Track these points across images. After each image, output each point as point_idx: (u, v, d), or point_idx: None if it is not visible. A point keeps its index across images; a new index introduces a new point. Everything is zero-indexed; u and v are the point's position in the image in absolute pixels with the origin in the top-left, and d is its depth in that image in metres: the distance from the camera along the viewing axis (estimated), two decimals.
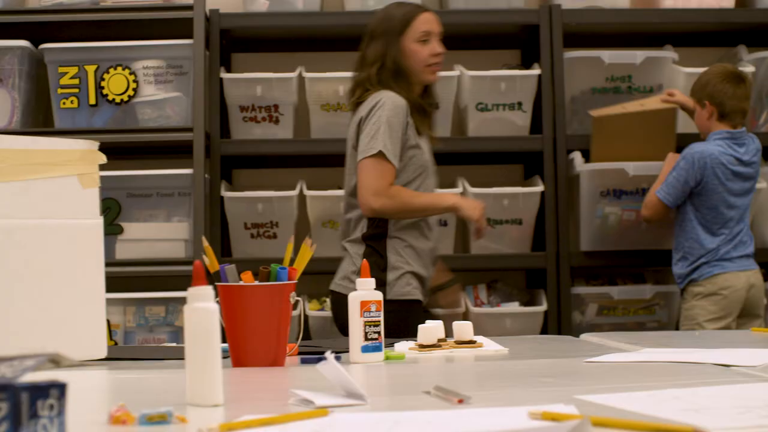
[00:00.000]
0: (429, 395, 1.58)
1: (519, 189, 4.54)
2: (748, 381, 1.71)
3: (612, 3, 4.65)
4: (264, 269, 2.09)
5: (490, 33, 4.80)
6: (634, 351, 2.24)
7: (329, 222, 4.48)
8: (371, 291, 2.16)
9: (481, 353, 2.33)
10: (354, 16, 4.59)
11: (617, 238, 4.49)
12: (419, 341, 2.36)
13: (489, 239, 4.52)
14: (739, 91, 4.15)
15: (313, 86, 4.50)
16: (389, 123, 3.50)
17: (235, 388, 1.81)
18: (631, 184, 4.43)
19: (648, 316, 4.55)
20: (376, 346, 2.15)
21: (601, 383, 1.78)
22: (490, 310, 4.46)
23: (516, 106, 4.54)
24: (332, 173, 4.77)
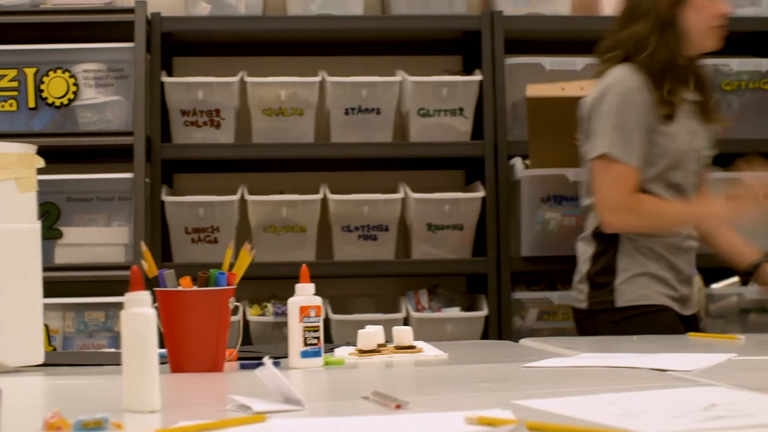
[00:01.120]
0: (367, 400, 1.58)
1: (460, 194, 4.55)
2: (683, 385, 1.73)
3: (553, 10, 4.68)
4: (203, 274, 2.09)
5: (431, 38, 4.81)
6: (571, 356, 2.26)
7: (270, 227, 4.47)
8: (310, 296, 2.16)
9: (420, 358, 2.33)
10: (297, 21, 4.58)
11: (557, 244, 4.51)
12: (358, 346, 2.36)
13: (429, 244, 4.53)
14: None
15: (255, 91, 4.49)
16: (619, 113, 3.09)
17: (173, 393, 1.80)
18: (571, 190, 4.45)
19: None
20: (316, 351, 2.15)
21: (538, 388, 1.79)
22: (431, 315, 4.47)
23: (457, 112, 4.56)
24: (274, 178, 4.77)
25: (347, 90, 4.49)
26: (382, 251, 4.54)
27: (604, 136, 3.05)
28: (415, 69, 4.62)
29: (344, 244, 4.52)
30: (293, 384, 1.56)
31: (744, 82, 4.66)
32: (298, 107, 4.49)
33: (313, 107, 4.50)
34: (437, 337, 4.20)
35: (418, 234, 4.53)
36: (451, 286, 4.71)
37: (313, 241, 4.50)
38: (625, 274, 3.06)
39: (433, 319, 4.46)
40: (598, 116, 3.07)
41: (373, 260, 4.52)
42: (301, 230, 4.48)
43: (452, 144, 4.55)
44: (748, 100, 4.66)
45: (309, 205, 4.46)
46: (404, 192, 4.52)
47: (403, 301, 4.51)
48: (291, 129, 4.51)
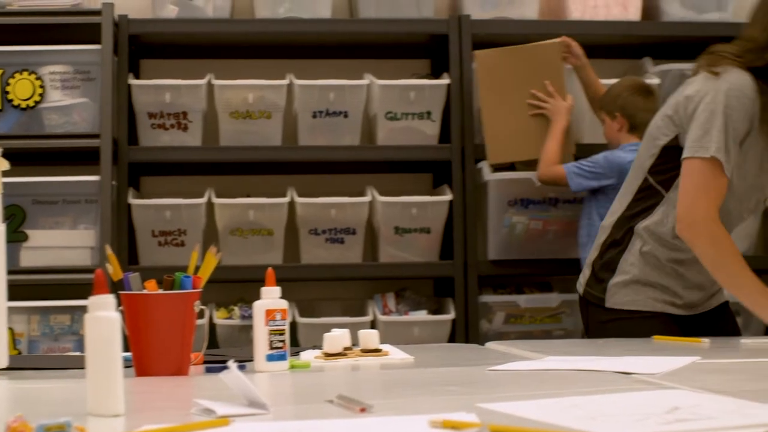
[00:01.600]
0: (332, 404, 1.58)
1: (427, 198, 4.56)
2: (647, 389, 1.74)
3: (521, 14, 4.70)
4: (168, 278, 2.08)
5: (399, 42, 4.82)
6: (537, 359, 2.26)
7: (237, 230, 4.46)
8: (276, 299, 2.15)
9: (386, 362, 2.33)
10: (264, 24, 4.58)
11: (524, 247, 4.53)
12: (324, 350, 2.36)
13: (397, 247, 4.54)
14: (649, 104, 4.20)
15: (222, 93, 4.48)
16: (728, 115, 2.80)
17: (138, 397, 1.79)
18: (538, 194, 4.48)
19: (554, 324, 4.59)
20: (281, 354, 2.14)
21: (503, 391, 1.79)
22: (398, 319, 4.48)
23: (425, 116, 4.57)
24: (241, 181, 4.76)
25: (315, 93, 4.49)
26: (349, 254, 4.54)
27: (713, 138, 2.81)
28: (383, 72, 4.63)
29: (311, 247, 4.52)
30: (258, 387, 1.56)
31: None
32: (265, 110, 4.49)
33: (280, 110, 4.50)
34: (404, 340, 4.22)
35: (385, 237, 4.53)
36: (419, 290, 4.71)
37: (280, 244, 4.50)
38: (622, 277, 3.03)
39: (400, 323, 4.46)
40: (711, 114, 2.82)
41: (341, 263, 4.52)
42: (269, 233, 4.47)
43: (420, 147, 4.56)
44: None
45: (276, 209, 4.46)
46: (372, 195, 4.52)
47: (371, 304, 4.52)
48: (258, 132, 4.51)
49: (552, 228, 4.51)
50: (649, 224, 2.98)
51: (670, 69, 4.66)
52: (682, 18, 4.77)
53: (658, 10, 4.80)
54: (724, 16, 4.79)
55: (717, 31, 4.78)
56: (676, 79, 4.64)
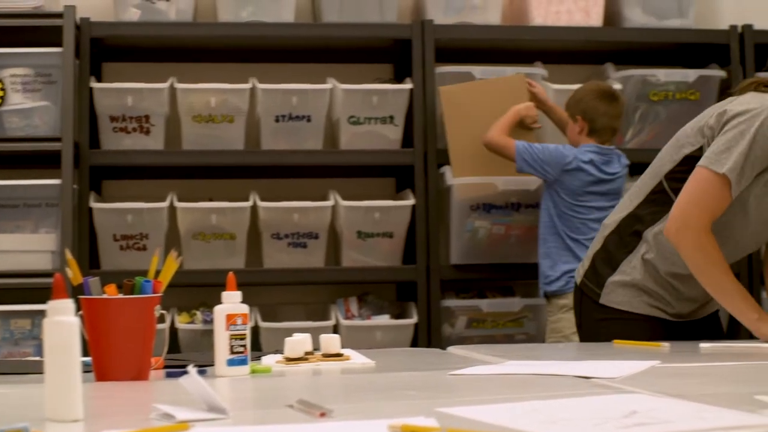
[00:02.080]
0: (292, 409, 1.58)
1: (390, 202, 4.56)
2: (606, 393, 1.75)
3: (484, 19, 4.71)
4: (128, 282, 2.07)
5: (362, 47, 4.82)
6: (498, 363, 2.27)
7: (200, 234, 4.45)
8: (237, 304, 2.15)
9: (347, 366, 2.33)
10: (227, 27, 4.57)
11: (487, 252, 4.54)
12: (285, 354, 2.36)
13: (360, 252, 4.54)
14: (611, 110, 4.22)
15: (185, 97, 4.47)
16: (754, 140, 2.78)
17: (97, 402, 1.79)
18: (501, 199, 4.49)
19: (517, 329, 4.61)
20: (242, 359, 2.14)
21: (463, 396, 1.80)
22: (361, 323, 4.48)
23: (388, 120, 4.57)
24: (203, 185, 4.75)
25: (278, 97, 4.48)
26: (311, 259, 4.54)
27: (732, 157, 2.78)
28: (346, 77, 4.63)
29: (274, 252, 4.52)
30: (218, 392, 1.55)
31: (671, 92, 4.72)
32: (228, 114, 4.48)
33: (243, 114, 4.49)
34: (367, 344, 4.22)
35: (348, 241, 4.53)
36: (381, 294, 4.72)
37: (243, 249, 4.49)
38: (621, 277, 3.02)
39: (362, 327, 4.46)
40: (740, 134, 2.79)
41: (303, 268, 4.52)
42: (231, 237, 4.47)
43: (382, 152, 4.56)
44: (675, 110, 4.73)
45: (238, 213, 4.45)
46: (334, 199, 4.52)
47: (333, 308, 4.52)
48: (221, 136, 4.50)
49: (514, 233, 4.53)
50: (657, 232, 2.98)
51: (632, 74, 4.69)
52: (643, 24, 4.80)
53: (620, 17, 4.83)
54: (685, 23, 4.83)
55: (678, 38, 4.84)
56: (638, 85, 4.68)
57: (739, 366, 2.27)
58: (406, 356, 2.81)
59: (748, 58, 4.77)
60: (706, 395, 1.74)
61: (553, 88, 4.61)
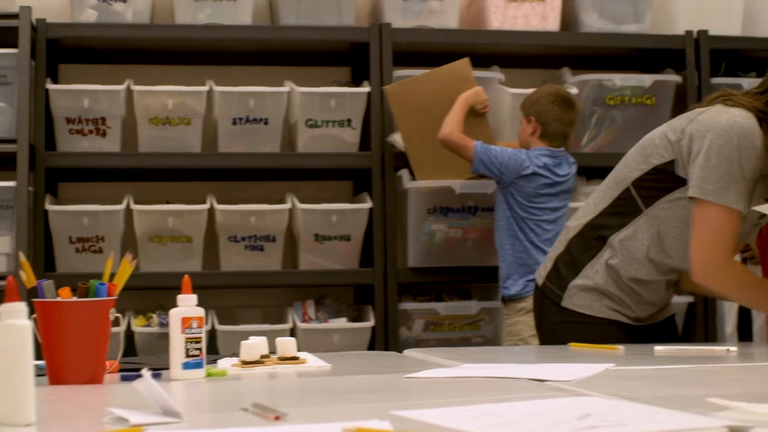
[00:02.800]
0: (246, 412, 1.57)
1: (347, 205, 4.56)
2: (560, 395, 1.76)
3: (441, 23, 4.73)
4: (82, 285, 2.06)
5: (320, 50, 4.82)
6: (454, 367, 2.28)
7: (156, 237, 4.43)
8: (193, 307, 2.14)
9: (303, 369, 2.33)
10: (184, 30, 4.55)
11: (444, 255, 4.56)
12: (241, 357, 2.35)
13: (317, 255, 4.54)
14: (565, 116, 4.24)
15: (141, 99, 4.45)
16: (745, 164, 2.78)
17: (51, 406, 1.78)
18: (458, 202, 4.50)
19: (473, 332, 4.62)
20: (197, 362, 2.13)
21: (418, 399, 1.80)
22: (318, 326, 4.48)
23: (345, 123, 4.57)
24: (160, 187, 4.73)
25: (235, 100, 4.47)
26: (269, 262, 4.53)
27: (731, 189, 2.79)
28: (304, 80, 4.63)
29: (231, 255, 4.51)
30: (173, 396, 1.55)
31: (627, 97, 4.75)
32: (185, 116, 4.46)
33: (200, 117, 4.48)
34: (324, 347, 4.22)
35: (305, 244, 4.53)
36: (338, 297, 4.72)
37: (200, 252, 4.48)
38: (584, 281, 3.03)
39: (319, 330, 4.46)
40: (729, 164, 2.80)
41: (260, 271, 4.51)
42: (188, 240, 4.45)
43: (340, 155, 4.56)
44: (631, 115, 4.76)
45: (195, 215, 4.44)
46: (291, 202, 4.52)
47: (290, 311, 4.51)
48: (178, 138, 4.48)
49: (471, 236, 4.55)
50: (623, 238, 3.00)
51: (589, 79, 4.71)
52: (600, 29, 4.83)
53: (577, 22, 4.86)
54: (641, 28, 4.86)
55: (634, 43, 4.87)
56: (594, 89, 4.70)
57: (692, 369, 2.29)
58: (362, 359, 2.81)
59: (703, 63, 4.81)
60: (660, 398, 1.75)
61: (510, 93, 4.62)
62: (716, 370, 2.31)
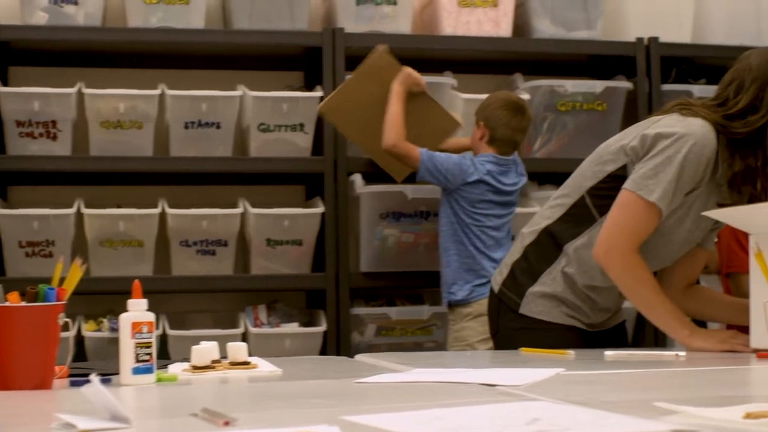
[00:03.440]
0: (196, 417, 1.57)
1: (300, 210, 4.56)
2: (510, 400, 1.77)
3: (394, 28, 4.73)
4: (31, 290, 2.05)
5: (273, 54, 4.81)
6: (405, 371, 2.28)
7: (107, 241, 4.40)
8: (143, 312, 2.13)
9: (254, 374, 2.33)
10: (136, 33, 4.53)
11: (396, 260, 4.56)
12: (192, 362, 2.35)
13: (269, 259, 4.53)
14: (514, 122, 4.25)
15: (93, 102, 4.42)
16: (682, 167, 2.82)
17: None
18: (410, 207, 4.51)
19: (425, 337, 4.63)
20: (147, 367, 2.12)
21: (368, 403, 1.81)
22: (270, 331, 4.47)
23: (298, 128, 4.56)
24: (111, 191, 4.70)
25: (187, 104, 4.46)
26: (220, 266, 4.52)
27: (661, 184, 2.83)
28: (257, 84, 4.62)
29: (182, 259, 4.49)
30: (122, 401, 1.54)
31: (579, 103, 4.78)
32: (137, 120, 4.44)
33: (152, 120, 4.46)
34: (276, 352, 4.21)
35: (257, 249, 4.52)
36: (290, 302, 4.71)
37: (151, 256, 4.46)
38: (542, 288, 3.05)
39: (271, 335, 4.45)
40: (668, 160, 2.83)
41: (212, 275, 4.50)
42: (139, 245, 4.43)
43: (292, 159, 4.56)
44: (583, 121, 4.79)
45: (147, 220, 4.42)
46: (244, 207, 4.51)
47: (242, 316, 4.50)
48: (129, 142, 4.46)
49: (423, 241, 4.55)
50: (578, 246, 3.02)
51: (540, 85, 4.74)
52: (552, 35, 4.85)
53: (529, 27, 4.88)
54: (593, 35, 4.89)
55: (586, 49, 4.90)
56: (546, 95, 4.73)
57: (640, 373, 2.31)
58: (313, 364, 2.82)
59: (653, 70, 4.85)
60: (608, 402, 1.77)
61: (462, 98, 4.64)
62: (664, 375, 2.33)
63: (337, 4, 4.69)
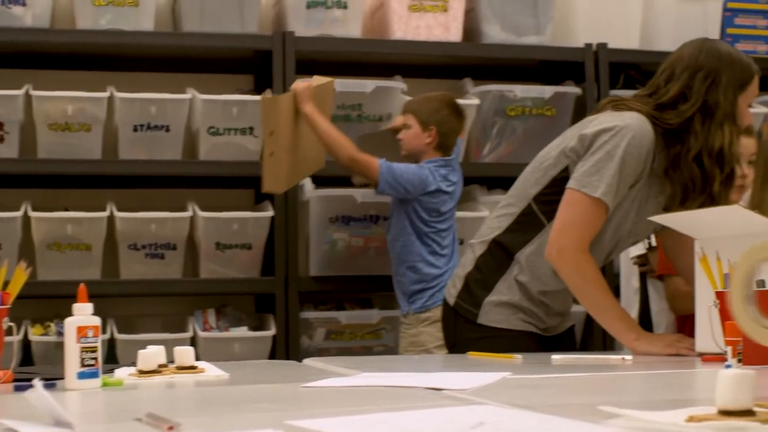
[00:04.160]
0: (140, 422, 1.56)
1: (249, 213, 4.54)
2: (456, 404, 1.77)
3: (344, 32, 4.73)
4: None
5: (223, 57, 4.80)
6: (352, 375, 2.28)
7: (55, 244, 4.37)
8: (88, 316, 2.12)
9: (201, 379, 2.32)
10: (85, 35, 4.50)
11: (346, 264, 4.56)
12: (138, 367, 2.33)
13: (218, 263, 4.51)
14: (460, 126, 4.29)
15: (40, 104, 4.38)
16: (623, 160, 2.87)
17: None
18: (360, 211, 4.51)
19: (375, 341, 4.63)
20: (93, 372, 2.11)
21: (314, 408, 1.80)
22: (219, 335, 4.45)
23: (248, 131, 4.55)
24: (59, 194, 4.66)
25: (136, 106, 4.44)
26: (169, 270, 4.50)
27: (604, 179, 2.86)
28: (206, 87, 4.60)
29: (131, 263, 4.46)
30: (67, 406, 1.53)
31: (528, 108, 4.80)
32: (85, 122, 4.41)
33: (101, 123, 4.43)
34: (225, 356, 4.20)
35: (206, 253, 4.51)
36: (240, 306, 4.70)
37: (99, 260, 4.43)
38: (497, 297, 3.07)
39: (220, 339, 4.44)
40: (608, 156, 2.87)
41: (161, 279, 4.47)
42: (87, 248, 4.40)
43: (242, 163, 4.54)
44: (532, 126, 4.81)
45: (95, 223, 4.39)
46: (193, 210, 4.49)
47: (191, 320, 4.48)
48: (78, 144, 4.43)
49: (373, 245, 4.56)
50: (529, 253, 3.04)
51: (490, 90, 4.76)
52: (501, 40, 4.87)
53: (479, 33, 4.90)
54: (542, 40, 4.92)
55: (535, 55, 4.93)
56: (495, 100, 4.75)
57: (586, 377, 2.33)
58: (261, 368, 2.81)
59: (602, 75, 4.88)
60: (553, 406, 1.77)
61: None
62: (610, 378, 2.35)
63: (288, 8, 4.68)
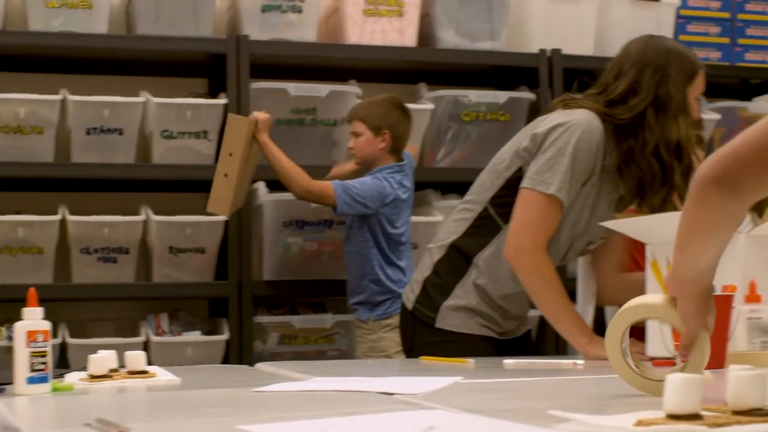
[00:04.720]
0: (90, 427, 1.56)
1: (203, 218, 4.52)
2: (407, 409, 1.77)
3: (299, 36, 4.73)
4: None
5: (177, 60, 4.78)
6: (304, 380, 2.28)
7: (6, 248, 4.33)
8: (38, 320, 2.11)
9: (152, 383, 2.31)
10: (38, 37, 4.47)
11: (299, 268, 4.56)
12: (89, 371, 2.32)
13: (171, 267, 4.50)
14: (409, 127, 4.31)
15: None
16: (574, 156, 2.90)
17: None
18: (314, 215, 4.51)
19: (328, 345, 4.63)
20: (43, 377, 2.10)
21: (265, 412, 1.80)
22: (171, 339, 4.43)
23: (201, 135, 4.54)
24: (11, 197, 4.63)
25: (89, 109, 4.41)
26: (122, 274, 4.47)
27: (557, 176, 2.88)
28: (160, 90, 4.59)
29: (83, 267, 4.44)
30: (15, 411, 1.52)
31: (482, 113, 4.82)
32: (37, 125, 4.38)
33: (53, 126, 4.40)
34: (178, 361, 4.18)
35: (159, 257, 4.49)
36: (193, 310, 4.68)
37: (51, 263, 4.40)
38: (455, 301, 3.07)
39: (173, 343, 4.42)
40: (559, 153, 2.89)
41: (113, 283, 4.45)
42: (39, 252, 4.37)
43: (195, 167, 4.53)
44: (486, 131, 4.83)
45: (47, 226, 4.36)
46: (146, 214, 4.47)
47: (144, 324, 4.46)
48: (30, 147, 4.39)
49: (327, 249, 4.56)
50: (487, 256, 3.06)
51: (444, 95, 4.77)
52: (456, 46, 4.89)
53: (434, 38, 4.91)
54: (497, 45, 4.94)
55: (489, 60, 4.95)
56: (449, 105, 4.76)
57: (537, 381, 2.34)
58: (213, 373, 2.80)
59: (556, 81, 4.91)
60: (504, 410, 1.78)
61: None
62: (561, 383, 2.36)
63: (242, 11, 4.67)
